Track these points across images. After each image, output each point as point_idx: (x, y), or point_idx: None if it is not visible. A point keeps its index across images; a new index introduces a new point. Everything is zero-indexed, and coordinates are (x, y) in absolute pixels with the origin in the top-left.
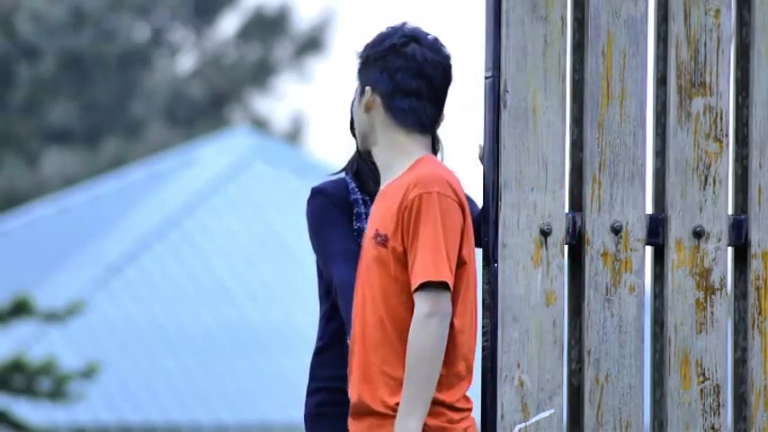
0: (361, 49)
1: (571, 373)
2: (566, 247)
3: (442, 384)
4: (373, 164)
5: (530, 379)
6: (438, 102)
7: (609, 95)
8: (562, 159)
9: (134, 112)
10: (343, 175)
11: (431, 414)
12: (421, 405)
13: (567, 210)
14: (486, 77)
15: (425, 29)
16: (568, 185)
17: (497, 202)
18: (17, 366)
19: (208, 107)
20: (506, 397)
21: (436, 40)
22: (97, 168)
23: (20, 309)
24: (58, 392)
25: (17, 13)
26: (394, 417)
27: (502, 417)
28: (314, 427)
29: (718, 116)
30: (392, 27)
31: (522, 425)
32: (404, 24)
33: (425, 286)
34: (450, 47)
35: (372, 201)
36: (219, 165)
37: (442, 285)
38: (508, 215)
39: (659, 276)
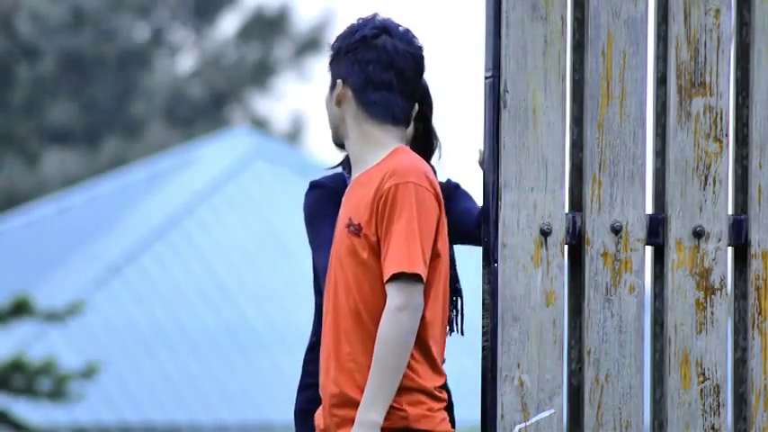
0: (332, 41)
1: (571, 373)
2: (566, 247)
3: (419, 372)
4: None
5: (530, 379)
6: (410, 94)
7: (609, 95)
8: (562, 159)
9: (134, 112)
10: (339, 169)
11: (411, 403)
12: (384, 397)
13: (567, 210)
14: (486, 77)
15: (397, 20)
16: (568, 185)
17: (497, 202)
18: (17, 366)
19: (208, 107)
20: (506, 397)
21: (407, 31)
22: (97, 168)
23: (20, 309)
24: (58, 392)
25: (17, 13)
26: None
27: (502, 417)
28: (305, 424)
29: (718, 116)
30: (363, 19)
31: (522, 425)
32: (375, 16)
33: (398, 277)
34: (450, 47)
35: None
36: (219, 165)
37: (415, 277)
38: (508, 215)
39: (659, 276)
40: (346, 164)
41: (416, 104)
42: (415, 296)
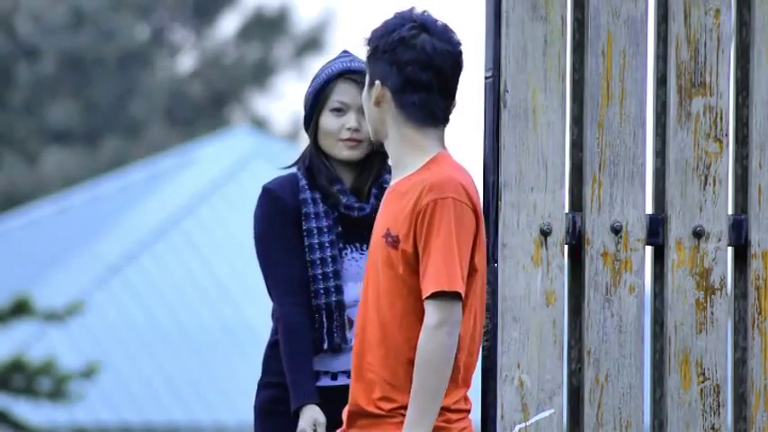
0: (369, 36)
1: (571, 373)
2: (566, 247)
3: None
4: (328, 158)
5: (530, 379)
6: (449, 92)
7: (609, 95)
8: (562, 159)
9: (134, 112)
10: (294, 170)
11: None
12: (430, 415)
13: (567, 210)
14: (486, 77)
15: (434, 15)
16: (568, 185)
17: (497, 202)
18: (17, 366)
19: (208, 107)
20: (506, 397)
21: (446, 27)
22: (97, 168)
23: (20, 309)
24: (58, 392)
25: (17, 13)
26: (387, 417)
27: (502, 417)
28: (264, 423)
29: (718, 116)
30: (400, 15)
31: (522, 425)
32: (412, 11)
33: (437, 295)
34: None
35: (323, 198)
36: (219, 165)
37: (454, 295)
38: (508, 215)
39: (659, 276)
40: (302, 164)
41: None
42: (454, 314)
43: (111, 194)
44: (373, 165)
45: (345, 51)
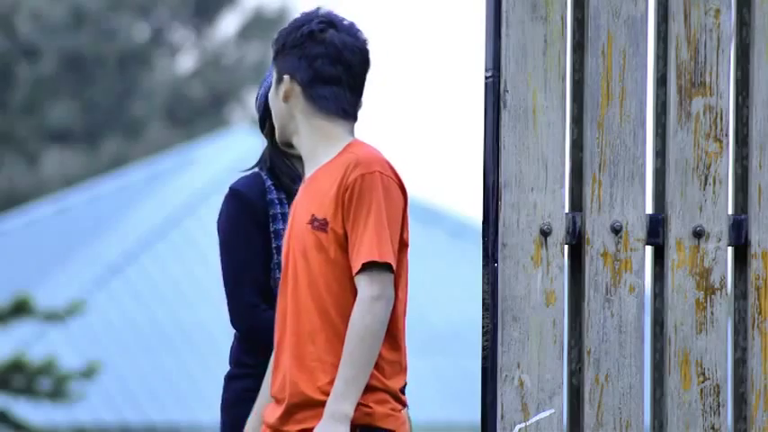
0: (276, 37)
1: (571, 373)
2: (566, 247)
3: (387, 371)
4: (288, 157)
5: (530, 379)
6: (358, 88)
7: (609, 95)
8: (562, 159)
9: (134, 112)
10: (257, 170)
11: (377, 401)
12: (356, 389)
13: (567, 210)
14: (486, 77)
15: (340, 14)
16: (568, 185)
17: (497, 202)
18: (17, 366)
19: (208, 107)
20: (506, 397)
21: (352, 24)
22: (97, 168)
23: (20, 309)
24: (58, 392)
25: (17, 13)
26: None
27: (502, 417)
28: (240, 409)
29: (719, 116)
30: (306, 13)
31: (522, 425)
32: (318, 9)
33: (369, 267)
34: (450, 47)
35: (288, 198)
36: (219, 165)
37: (386, 267)
38: (508, 215)
39: (659, 276)
40: (264, 164)
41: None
42: (387, 287)
43: (111, 194)
44: None
45: None
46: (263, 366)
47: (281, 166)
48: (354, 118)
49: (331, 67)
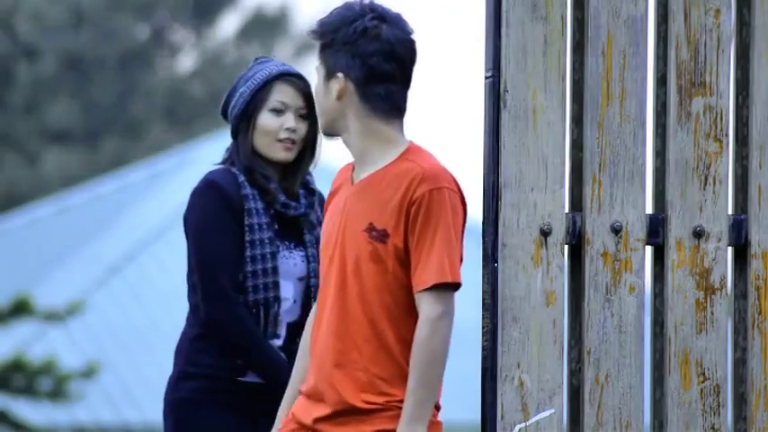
0: (317, 28)
1: (571, 373)
2: (566, 247)
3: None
4: (264, 160)
5: (530, 379)
6: (408, 81)
7: (609, 95)
8: (562, 159)
9: (134, 112)
10: (227, 166)
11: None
12: (428, 409)
13: (567, 210)
14: (486, 77)
15: (384, 4)
16: (568, 185)
17: (497, 202)
18: (17, 366)
19: (208, 107)
20: (506, 397)
21: (399, 16)
22: (97, 168)
23: (20, 309)
24: (58, 392)
25: (17, 13)
26: (380, 411)
27: (502, 417)
28: (194, 413)
29: (719, 116)
30: (351, 5)
31: (522, 425)
32: (362, 1)
33: (437, 287)
34: (450, 47)
35: (260, 195)
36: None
37: (454, 287)
38: (508, 215)
39: (659, 276)
40: (237, 160)
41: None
42: (451, 305)
43: (111, 194)
44: (301, 165)
45: (264, 57)
46: (219, 367)
47: (256, 166)
48: (405, 112)
49: (386, 64)
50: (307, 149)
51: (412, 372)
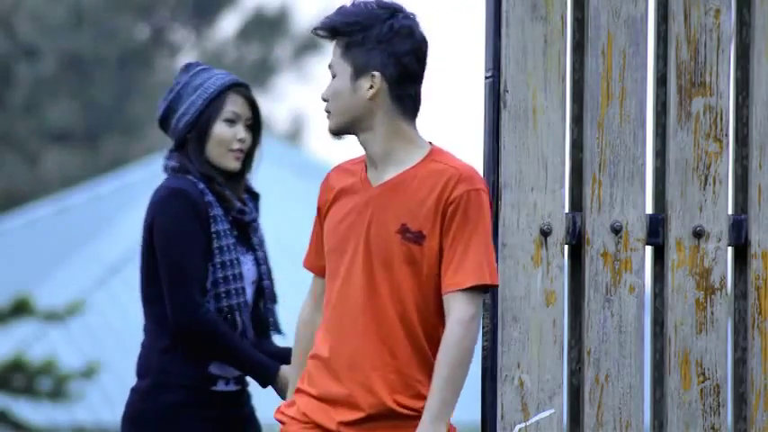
0: (343, 26)
1: (571, 373)
2: (566, 247)
3: None
4: (215, 169)
5: (530, 379)
6: (422, 81)
7: (609, 95)
8: (562, 159)
9: (134, 112)
10: (184, 174)
11: None
12: (452, 409)
13: (567, 210)
14: (486, 77)
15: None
16: (568, 185)
17: (497, 202)
18: (17, 366)
19: None
20: (506, 397)
21: (414, 15)
22: (97, 168)
23: (20, 309)
24: (58, 392)
25: (17, 13)
26: (413, 419)
27: (502, 417)
28: (176, 426)
29: (719, 116)
30: (367, 4)
31: (522, 425)
32: (386, 1)
33: (472, 288)
34: (450, 47)
35: (219, 201)
36: None
37: (486, 289)
38: (508, 215)
39: (659, 276)
40: (193, 168)
41: None
42: (481, 306)
43: (110, 194)
44: (244, 173)
45: (198, 64)
46: (194, 378)
47: (214, 175)
48: None
49: (416, 64)
50: (248, 157)
51: (439, 371)
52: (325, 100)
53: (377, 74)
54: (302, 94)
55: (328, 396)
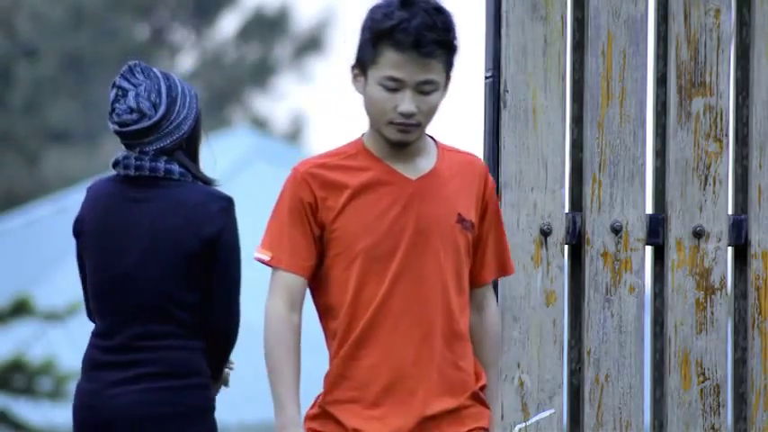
0: (449, 37)
1: (571, 373)
2: (566, 247)
3: None
4: None
5: (530, 379)
6: None
7: (609, 95)
8: (562, 159)
9: None
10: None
11: None
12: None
13: (567, 210)
14: (486, 77)
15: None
16: (568, 185)
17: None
18: (17, 366)
19: (208, 107)
20: (506, 397)
21: None
22: (97, 168)
23: (20, 309)
24: (58, 392)
25: (17, 13)
26: (467, 408)
27: (502, 417)
28: (211, 418)
29: (719, 116)
30: (432, 8)
31: (522, 425)
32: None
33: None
34: None
35: None
36: (219, 165)
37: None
38: (508, 215)
39: (659, 276)
40: (202, 175)
41: None
42: None
43: None
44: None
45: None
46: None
47: (208, 181)
48: None
49: None
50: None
51: (493, 363)
52: (412, 114)
53: (450, 75)
54: (302, 94)
55: (386, 401)
